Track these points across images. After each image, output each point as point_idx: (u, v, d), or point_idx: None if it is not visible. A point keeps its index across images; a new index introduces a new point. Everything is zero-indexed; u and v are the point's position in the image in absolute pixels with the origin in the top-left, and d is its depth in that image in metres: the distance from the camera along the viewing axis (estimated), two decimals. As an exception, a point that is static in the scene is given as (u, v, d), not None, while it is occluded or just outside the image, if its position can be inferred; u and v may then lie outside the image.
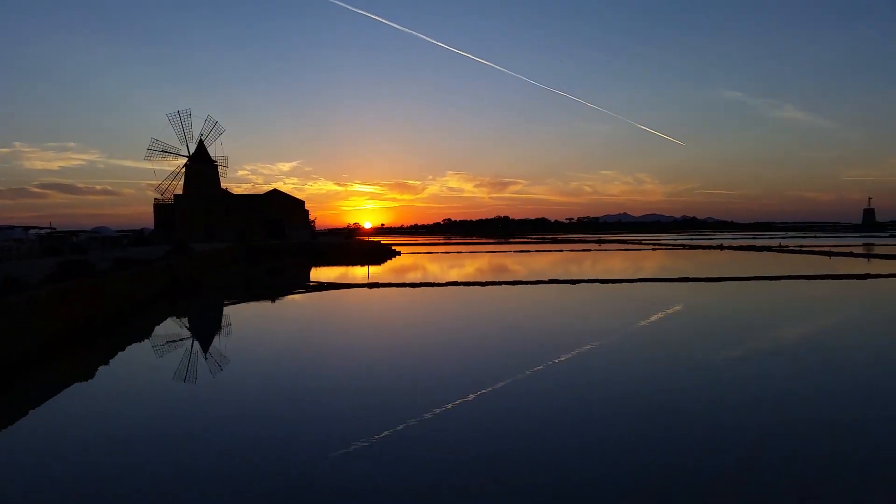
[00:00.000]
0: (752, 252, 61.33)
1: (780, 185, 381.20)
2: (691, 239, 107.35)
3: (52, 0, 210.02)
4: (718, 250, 66.23)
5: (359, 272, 43.68)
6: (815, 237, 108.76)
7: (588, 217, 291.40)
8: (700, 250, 67.95)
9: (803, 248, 62.17)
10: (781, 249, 62.09)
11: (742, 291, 27.63)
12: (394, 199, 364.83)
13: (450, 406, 10.13)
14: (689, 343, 16.13)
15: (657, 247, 78.00)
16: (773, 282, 31.08)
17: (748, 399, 10.60)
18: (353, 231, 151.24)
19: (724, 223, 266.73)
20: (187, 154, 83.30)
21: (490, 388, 11.21)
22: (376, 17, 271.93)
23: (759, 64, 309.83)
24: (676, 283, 30.85)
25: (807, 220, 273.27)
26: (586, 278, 33.61)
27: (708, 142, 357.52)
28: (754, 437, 8.65)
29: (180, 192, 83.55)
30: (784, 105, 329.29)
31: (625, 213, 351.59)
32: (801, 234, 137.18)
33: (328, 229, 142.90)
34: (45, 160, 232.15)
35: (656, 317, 20.39)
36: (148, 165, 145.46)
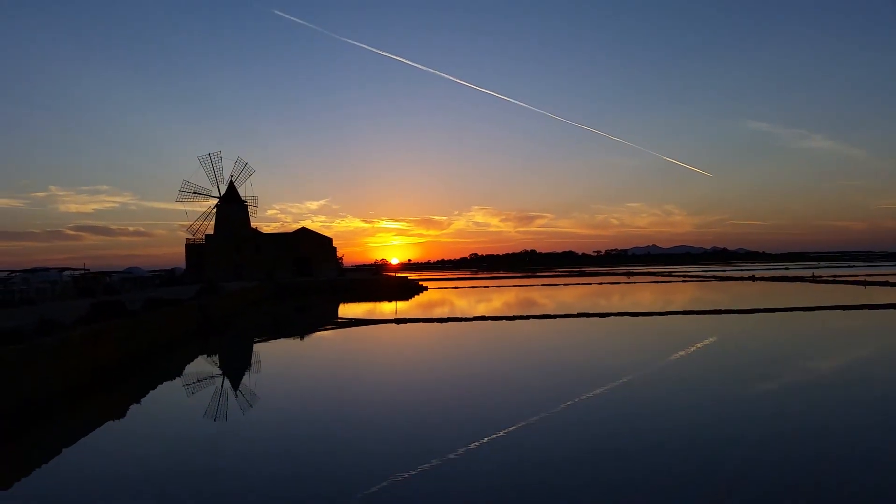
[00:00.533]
0: (784, 283, 60.26)
1: (811, 215, 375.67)
2: (722, 270, 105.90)
3: (83, 45, 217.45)
4: (750, 281, 65.18)
5: (386, 308, 43.75)
6: (848, 266, 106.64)
7: (616, 249, 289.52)
8: (731, 282, 66.94)
9: (837, 278, 60.94)
10: (815, 280, 60.91)
11: (776, 323, 27.09)
12: (420, 235, 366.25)
13: (478, 444, 10.03)
14: (723, 377, 15.80)
15: (687, 279, 77.07)
16: (808, 312, 30.45)
17: (784, 433, 10.34)
18: (380, 267, 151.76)
19: (755, 254, 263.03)
20: (218, 195, 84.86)
21: (519, 425, 11.09)
22: (398, 58, 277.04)
23: (786, 94, 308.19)
24: (709, 316, 30.36)
25: (839, 250, 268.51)
26: (616, 311, 33.26)
27: (736, 172, 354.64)
28: (788, 471, 8.41)
29: (211, 233, 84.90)
30: (812, 135, 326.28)
31: (653, 245, 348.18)
32: (834, 263, 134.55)
33: (356, 266, 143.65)
34: (78, 203, 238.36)
35: (689, 350, 20.06)
36: (180, 207, 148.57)
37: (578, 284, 72.22)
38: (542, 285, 72.63)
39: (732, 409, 12.20)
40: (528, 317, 31.95)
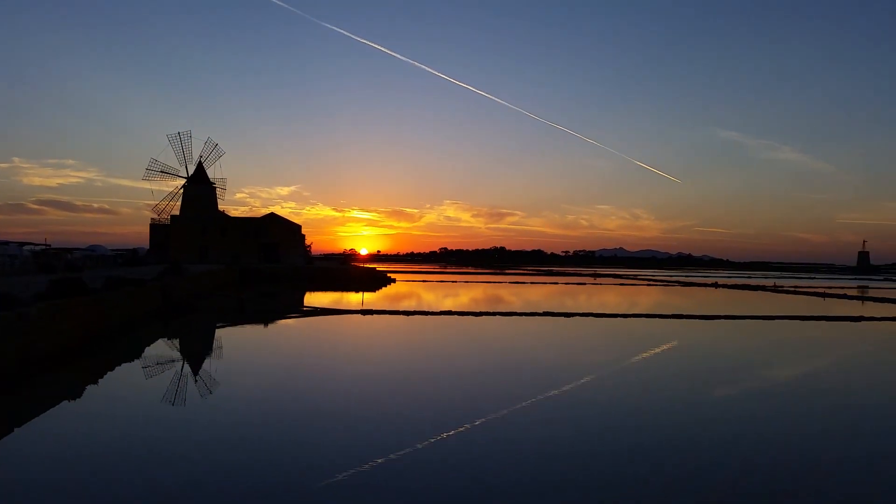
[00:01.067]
0: (746, 291, 61.42)
1: (776, 225, 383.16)
2: (686, 276, 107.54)
3: (55, 18, 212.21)
4: (713, 288, 66.30)
5: (353, 298, 43.58)
6: (809, 278, 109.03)
7: (584, 250, 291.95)
8: (695, 287, 68.04)
9: (798, 289, 62.30)
10: (776, 289, 62.19)
11: (736, 330, 27.60)
12: (391, 227, 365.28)
13: (437, 438, 10.04)
14: (681, 381, 16.06)
15: (652, 283, 78.10)
16: (768, 321, 31.07)
17: (733, 437, 10.55)
18: (348, 257, 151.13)
19: (720, 261, 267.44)
20: (186, 175, 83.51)
21: (478, 422, 11.13)
22: (378, 47, 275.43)
23: (756, 105, 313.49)
24: (671, 320, 30.81)
25: (801, 261, 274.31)
26: (581, 312, 33.59)
27: (705, 180, 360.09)
28: (733, 475, 8.58)
29: (177, 213, 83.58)
30: (780, 146, 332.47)
31: (621, 248, 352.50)
32: (795, 274, 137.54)
33: (324, 254, 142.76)
34: (43, 176, 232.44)
35: (650, 353, 20.34)
36: (146, 185, 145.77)
37: (546, 283, 72.76)
38: (510, 283, 73.02)
39: (690, 412, 12.39)
40: (494, 313, 32.09)
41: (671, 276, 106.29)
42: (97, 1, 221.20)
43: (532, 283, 73.97)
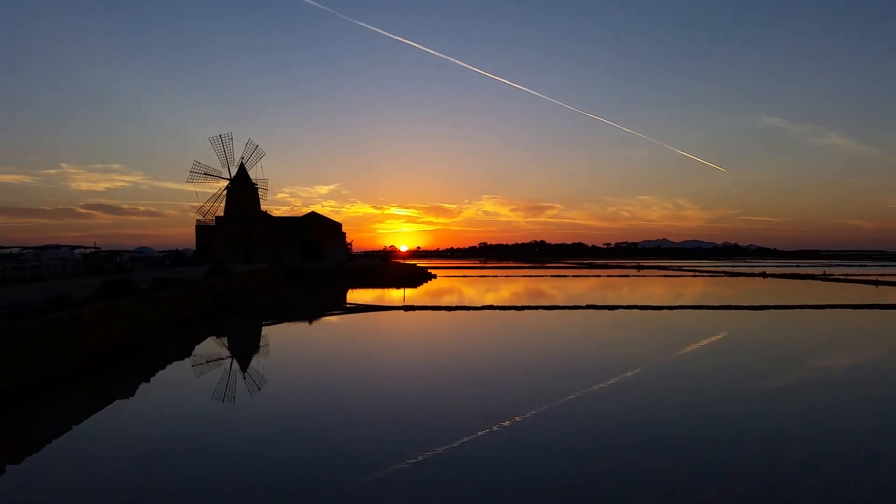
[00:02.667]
0: (795, 280, 59.89)
1: (824, 212, 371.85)
2: (733, 266, 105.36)
3: (99, 26, 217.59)
4: (761, 278, 64.83)
5: (394, 295, 43.81)
6: (860, 265, 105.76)
7: (626, 242, 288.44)
8: (742, 277, 66.62)
9: (849, 277, 60.48)
10: (826, 278, 60.49)
11: (786, 320, 26.93)
12: (430, 223, 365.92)
13: (483, 432, 10.02)
14: (730, 373, 15.72)
15: (698, 274, 76.74)
16: (819, 311, 30.25)
17: (787, 430, 10.28)
18: (389, 254, 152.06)
19: (767, 250, 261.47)
20: (229, 177, 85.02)
21: (524, 416, 11.07)
22: (412, 43, 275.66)
23: (800, 90, 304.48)
24: (718, 311, 30.22)
25: (852, 249, 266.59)
26: (625, 304, 33.14)
27: (749, 168, 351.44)
28: (792, 469, 8.36)
29: (221, 214, 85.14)
30: (827, 132, 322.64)
31: (664, 239, 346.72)
32: (845, 262, 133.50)
33: (364, 252, 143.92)
34: (90, 181, 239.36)
35: (697, 345, 19.98)
36: (190, 188, 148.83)
37: (588, 276, 72.07)
38: (551, 276, 72.51)
39: (740, 405, 12.12)
40: (536, 307, 31.91)
41: (717, 266, 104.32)
42: (139, 8, 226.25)
43: (574, 276, 73.33)
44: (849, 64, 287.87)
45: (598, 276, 73.57)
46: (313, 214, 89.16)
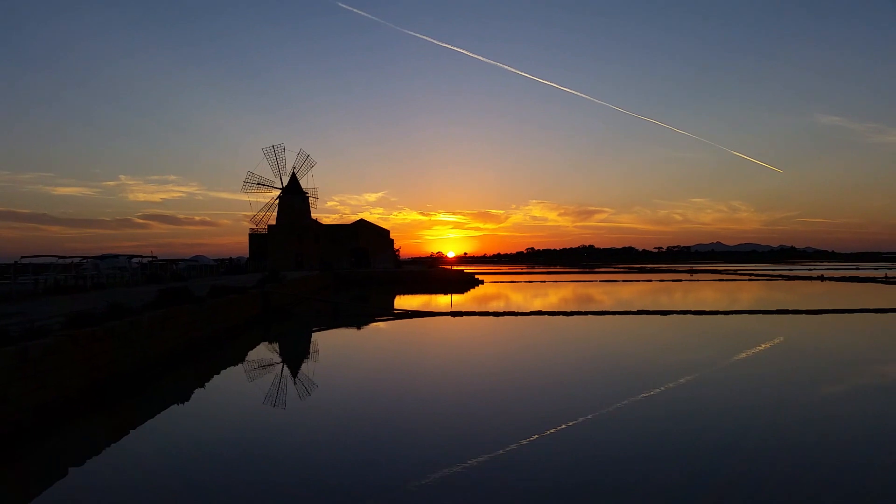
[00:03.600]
0: (855, 283, 57.81)
1: (884, 213, 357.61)
2: (790, 269, 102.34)
3: (155, 41, 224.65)
4: (819, 281, 62.80)
5: (442, 300, 43.90)
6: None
7: (678, 246, 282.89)
8: (799, 281, 64.64)
9: (914, 280, 58.11)
10: (888, 280, 58.22)
11: (846, 325, 26.01)
12: (477, 228, 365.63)
13: (532, 438, 9.94)
14: (788, 379, 15.23)
15: (753, 277, 74.78)
16: (880, 314, 29.12)
17: (849, 438, 9.91)
18: (436, 260, 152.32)
19: (824, 253, 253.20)
20: (280, 186, 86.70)
21: (574, 422, 10.95)
22: (458, 49, 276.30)
23: (859, 87, 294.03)
24: (775, 316, 29.37)
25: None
26: (678, 310, 32.49)
27: (806, 168, 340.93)
28: (853, 479, 8.05)
29: (273, 223, 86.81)
30: (888, 129, 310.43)
31: (718, 243, 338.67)
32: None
33: (412, 258, 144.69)
34: (147, 192, 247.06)
35: (753, 350, 19.44)
36: (244, 197, 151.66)
37: (638, 281, 70.91)
38: (601, 281, 71.61)
39: (797, 412, 11.74)
40: (585, 313, 31.55)
41: (773, 269, 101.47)
42: (194, 21, 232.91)
43: (624, 281, 72.26)
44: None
45: (650, 280, 72.34)
46: (362, 222, 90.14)
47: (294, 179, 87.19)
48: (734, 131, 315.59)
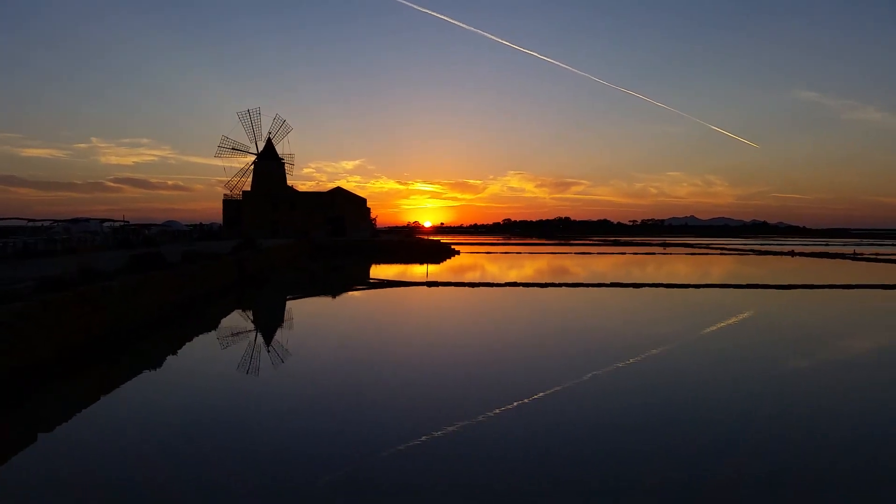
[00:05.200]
0: (825, 259, 58.93)
1: (856, 189, 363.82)
2: (761, 244, 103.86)
3: (127, 4, 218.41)
4: (790, 257, 63.90)
5: (418, 270, 43.97)
6: (892, 245, 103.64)
7: (653, 220, 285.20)
8: (770, 256, 65.71)
9: (879, 256, 59.36)
10: (856, 257, 59.43)
11: (814, 300, 26.58)
12: (454, 199, 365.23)
13: (503, 409, 10.08)
14: (756, 352, 15.59)
15: (725, 252, 75.80)
16: (848, 290, 29.78)
17: (810, 411, 10.21)
18: (413, 229, 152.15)
19: (796, 228, 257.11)
20: (256, 152, 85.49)
21: (547, 392, 11.12)
22: (440, 16, 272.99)
23: (837, 63, 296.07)
24: (745, 290, 29.89)
25: (883, 227, 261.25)
26: (650, 282, 32.92)
27: (782, 143, 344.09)
28: (815, 450, 8.32)
29: (248, 189, 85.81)
30: (863, 106, 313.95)
31: (692, 217, 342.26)
32: (877, 241, 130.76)
33: (389, 227, 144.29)
34: (119, 156, 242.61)
35: (723, 324, 19.82)
36: (218, 162, 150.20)
37: (613, 254, 71.54)
38: (576, 253, 72.16)
39: (765, 385, 12.04)
40: (560, 285, 31.83)
41: (745, 244, 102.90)
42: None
43: (598, 253, 72.86)
44: (886, 33, 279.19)
45: (624, 253, 73.01)
46: (339, 190, 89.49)
47: (270, 145, 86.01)
48: (712, 105, 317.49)
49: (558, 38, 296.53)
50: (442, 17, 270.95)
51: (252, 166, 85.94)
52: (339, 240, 72.11)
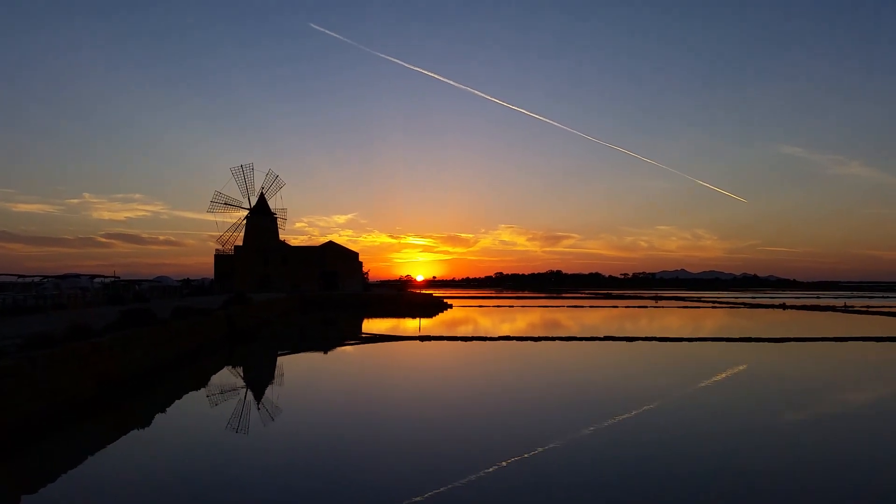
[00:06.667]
0: (816, 312, 59.11)
1: (845, 242, 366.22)
2: (752, 297, 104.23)
3: (120, 59, 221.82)
4: (781, 309, 64.06)
5: (410, 324, 43.74)
6: (882, 297, 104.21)
7: (644, 273, 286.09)
8: (762, 309, 65.85)
9: (870, 309, 59.58)
10: (847, 310, 59.65)
11: (807, 353, 26.53)
12: (446, 252, 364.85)
13: (498, 467, 9.91)
14: (751, 406, 15.46)
15: (717, 305, 75.97)
16: (840, 343, 29.78)
17: (806, 465, 10.09)
18: (405, 283, 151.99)
19: (786, 281, 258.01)
20: (248, 207, 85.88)
21: (541, 449, 10.95)
22: (429, 73, 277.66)
23: (821, 119, 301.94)
24: (739, 343, 29.84)
25: (873, 280, 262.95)
26: (643, 336, 32.84)
27: (769, 198, 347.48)
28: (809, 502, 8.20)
29: (240, 244, 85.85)
30: (849, 161, 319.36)
31: (682, 270, 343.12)
32: (867, 293, 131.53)
33: (381, 281, 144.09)
34: (111, 211, 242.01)
35: (718, 378, 19.70)
36: (210, 217, 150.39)
37: (605, 307, 71.56)
38: (568, 307, 72.11)
39: (760, 439, 11.91)
40: (553, 338, 31.70)
41: (736, 297, 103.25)
42: (161, 40, 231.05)
43: (591, 306, 72.85)
44: (871, 92, 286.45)
45: (616, 306, 73.03)
46: (330, 244, 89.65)
47: (262, 200, 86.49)
48: (699, 161, 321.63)
49: (547, 96, 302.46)
50: (432, 74, 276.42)
51: (244, 221, 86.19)
52: (330, 294, 71.88)
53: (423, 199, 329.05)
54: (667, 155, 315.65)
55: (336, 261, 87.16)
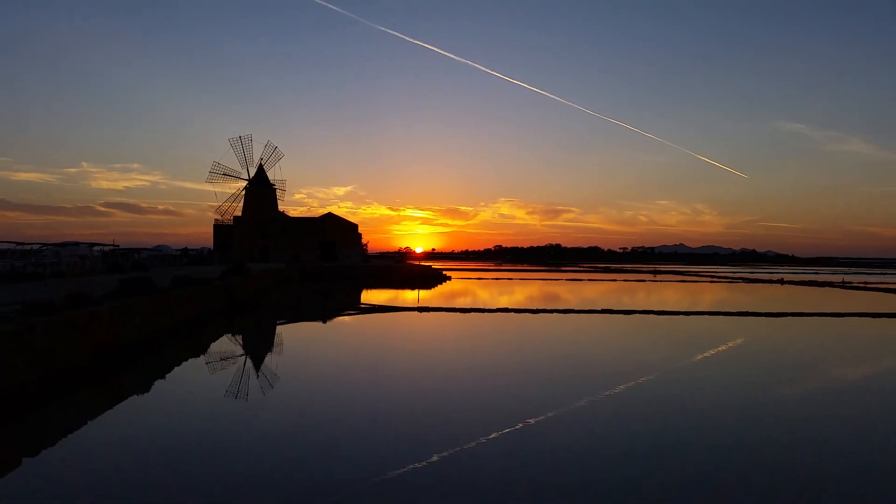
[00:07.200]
0: (814, 287, 59.26)
1: (843, 219, 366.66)
2: (751, 272, 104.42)
3: (118, 28, 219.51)
4: (779, 285, 64.22)
5: (409, 296, 43.86)
6: (880, 273, 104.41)
7: (643, 247, 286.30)
8: (760, 284, 66.02)
9: (868, 285, 59.74)
10: (845, 285, 59.82)
11: (804, 327, 26.65)
12: (445, 225, 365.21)
13: (493, 436, 9.99)
14: (747, 379, 15.57)
15: (715, 279, 76.12)
16: (837, 318, 29.91)
17: (799, 439, 10.18)
18: (404, 255, 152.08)
19: (785, 257, 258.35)
20: (247, 177, 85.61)
21: (536, 419, 11.04)
22: (430, 46, 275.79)
23: (821, 95, 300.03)
24: (736, 317, 29.96)
25: (871, 256, 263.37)
26: (641, 309, 32.95)
27: (768, 173, 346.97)
28: (804, 478, 8.27)
29: (239, 214, 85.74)
30: (848, 138, 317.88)
31: (681, 245, 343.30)
32: (865, 270, 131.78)
33: (380, 253, 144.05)
34: (110, 180, 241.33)
35: (714, 351, 19.81)
36: (209, 188, 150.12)
37: (604, 280, 71.71)
38: (567, 280, 72.25)
39: (755, 412, 12.01)
40: (551, 311, 31.81)
41: (734, 272, 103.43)
42: (160, 10, 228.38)
43: (589, 280, 72.99)
44: (872, 69, 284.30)
45: (614, 280, 73.19)
46: (330, 215, 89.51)
47: (261, 171, 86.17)
48: (700, 136, 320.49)
49: (547, 70, 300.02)
50: (430, 47, 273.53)
51: (243, 192, 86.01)
52: (329, 265, 71.96)
53: (422, 171, 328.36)
54: (667, 130, 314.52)
55: (335, 232, 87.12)
